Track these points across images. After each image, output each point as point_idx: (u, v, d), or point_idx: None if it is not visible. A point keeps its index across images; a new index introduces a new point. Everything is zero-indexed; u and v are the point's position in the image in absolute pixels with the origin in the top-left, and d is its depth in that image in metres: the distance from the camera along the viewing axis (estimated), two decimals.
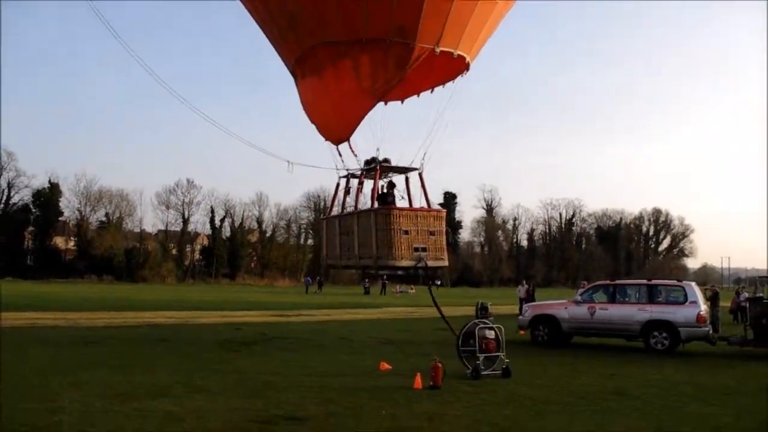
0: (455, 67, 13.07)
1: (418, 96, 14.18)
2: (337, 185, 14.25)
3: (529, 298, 27.49)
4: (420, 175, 13.29)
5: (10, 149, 75.43)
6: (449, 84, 13.57)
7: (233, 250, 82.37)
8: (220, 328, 19.27)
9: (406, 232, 12.33)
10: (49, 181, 75.77)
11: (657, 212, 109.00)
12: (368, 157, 13.37)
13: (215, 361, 12.12)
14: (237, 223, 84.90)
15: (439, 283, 76.95)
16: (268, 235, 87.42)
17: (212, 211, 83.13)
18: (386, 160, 13.25)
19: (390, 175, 13.78)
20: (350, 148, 13.37)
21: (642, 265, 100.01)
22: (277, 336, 17.03)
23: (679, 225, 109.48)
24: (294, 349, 14.30)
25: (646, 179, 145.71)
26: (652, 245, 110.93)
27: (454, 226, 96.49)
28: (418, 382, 9.52)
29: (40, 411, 7.38)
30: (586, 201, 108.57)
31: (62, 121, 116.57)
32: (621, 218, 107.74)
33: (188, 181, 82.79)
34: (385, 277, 62.50)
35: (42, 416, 7.13)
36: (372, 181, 13.32)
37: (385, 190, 13.52)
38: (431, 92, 13.88)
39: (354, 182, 13.90)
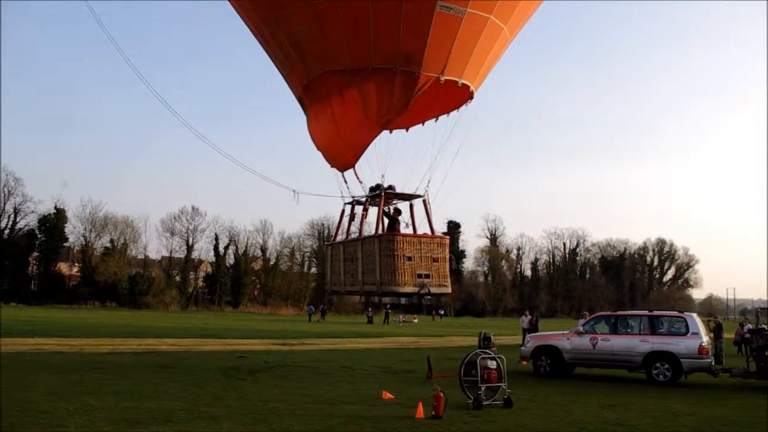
0: (459, 95, 13.34)
1: (423, 125, 14.44)
2: (342, 212, 14.44)
3: (533, 328, 27.47)
4: (424, 202, 13.47)
5: (17, 175, 75.69)
6: (454, 113, 13.85)
7: (237, 278, 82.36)
8: (223, 355, 19.36)
9: (410, 259, 12.46)
10: (55, 207, 76.21)
11: (661, 242, 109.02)
12: (373, 184, 13.57)
13: (219, 388, 12.24)
14: (241, 251, 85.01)
15: (442, 312, 76.82)
16: (271, 263, 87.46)
17: (216, 239, 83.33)
18: (391, 187, 13.44)
19: (395, 201, 13.97)
20: (355, 174, 13.58)
21: (646, 295, 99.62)
22: (281, 364, 17.11)
23: (684, 255, 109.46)
24: (297, 378, 14.40)
25: (650, 209, 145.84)
26: (657, 275, 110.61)
27: (457, 255, 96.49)
28: (420, 411, 9.62)
29: None
30: (589, 231, 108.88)
31: (69, 147, 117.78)
32: (625, 248, 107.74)
33: (193, 208, 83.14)
34: (388, 306, 62.52)
35: None
36: (377, 208, 13.48)
37: (390, 214, 13.69)
38: (436, 121, 14.15)
39: (359, 209, 14.08)
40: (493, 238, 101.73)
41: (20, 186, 74.87)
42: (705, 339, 15.20)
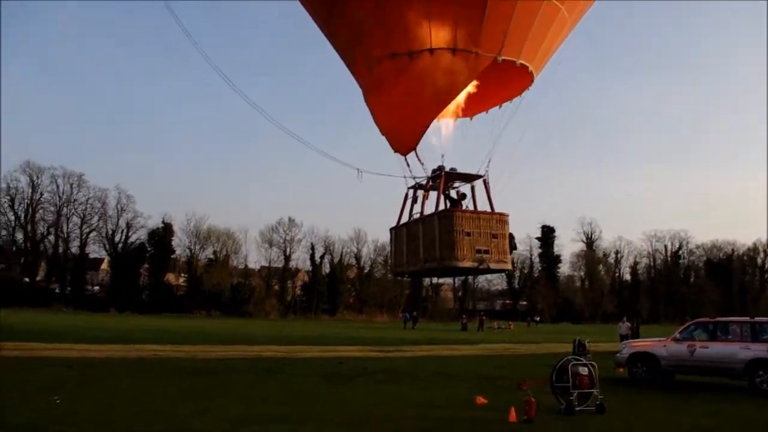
0: (520, 79, 13.51)
1: (487, 112, 14.69)
2: (406, 196, 14.74)
3: (634, 335, 27.07)
4: (485, 181, 13.66)
5: (129, 192, 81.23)
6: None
7: (332, 286, 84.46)
8: (323, 361, 20.25)
9: (469, 234, 12.63)
10: (163, 221, 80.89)
11: None
12: (435, 166, 13.88)
13: (321, 392, 13.01)
14: (336, 260, 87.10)
15: (538, 319, 75.74)
16: (366, 271, 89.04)
17: (312, 248, 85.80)
18: (453, 169, 13.71)
19: (456, 184, 14.19)
20: (417, 157, 13.87)
21: (758, 299, 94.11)
22: (378, 370, 17.78)
23: None
24: (394, 383, 14.98)
25: (758, 208, 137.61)
26: None
27: (553, 259, 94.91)
28: (513, 415, 9.98)
29: None
30: (693, 232, 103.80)
31: (173, 164, 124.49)
32: (733, 250, 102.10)
33: (290, 219, 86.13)
34: (482, 313, 62.33)
35: None
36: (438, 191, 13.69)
37: (455, 197, 13.95)
38: (500, 108, 14.37)
39: (421, 193, 14.34)
40: (590, 242, 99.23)
41: (132, 203, 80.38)
42: None
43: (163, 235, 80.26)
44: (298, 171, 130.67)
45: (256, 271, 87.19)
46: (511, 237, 13.44)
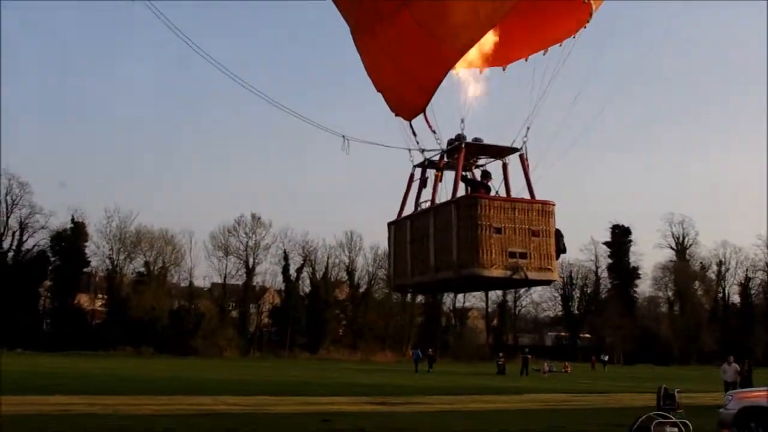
0: (572, 12, 13.41)
1: (526, 60, 14.63)
2: (410, 177, 14.60)
3: (745, 382, 27.01)
4: (522, 157, 13.59)
5: (23, 179, 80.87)
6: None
7: (315, 312, 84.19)
8: (300, 419, 20.18)
9: (498, 231, 12.48)
10: (72, 220, 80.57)
11: None
12: (452, 136, 13.80)
13: None
14: (319, 274, 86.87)
15: (606, 358, 75.80)
16: (362, 289, 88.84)
17: (286, 258, 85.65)
18: (477, 140, 13.64)
19: (484, 161, 14.14)
20: (426, 121, 13.75)
21: None
22: (379, 430, 17.75)
23: None
24: None
25: None
26: None
27: (628, 273, 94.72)
28: None
29: None
30: None
31: (87, 141, 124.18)
32: None
33: (253, 217, 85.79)
34: (527, 350, 62.33)
35: None
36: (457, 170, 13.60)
37: (474, 180, 13.91)
38: (545, 54, 14.29)
39: (432, 171, 14.21)
40: (681, 249, 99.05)
41: (27, 193, 79.84)
42: None
43: (72, 239, 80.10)
44: (264, 149, 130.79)
45: (206, 290, 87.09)
46: (559, 235, 13.31)
